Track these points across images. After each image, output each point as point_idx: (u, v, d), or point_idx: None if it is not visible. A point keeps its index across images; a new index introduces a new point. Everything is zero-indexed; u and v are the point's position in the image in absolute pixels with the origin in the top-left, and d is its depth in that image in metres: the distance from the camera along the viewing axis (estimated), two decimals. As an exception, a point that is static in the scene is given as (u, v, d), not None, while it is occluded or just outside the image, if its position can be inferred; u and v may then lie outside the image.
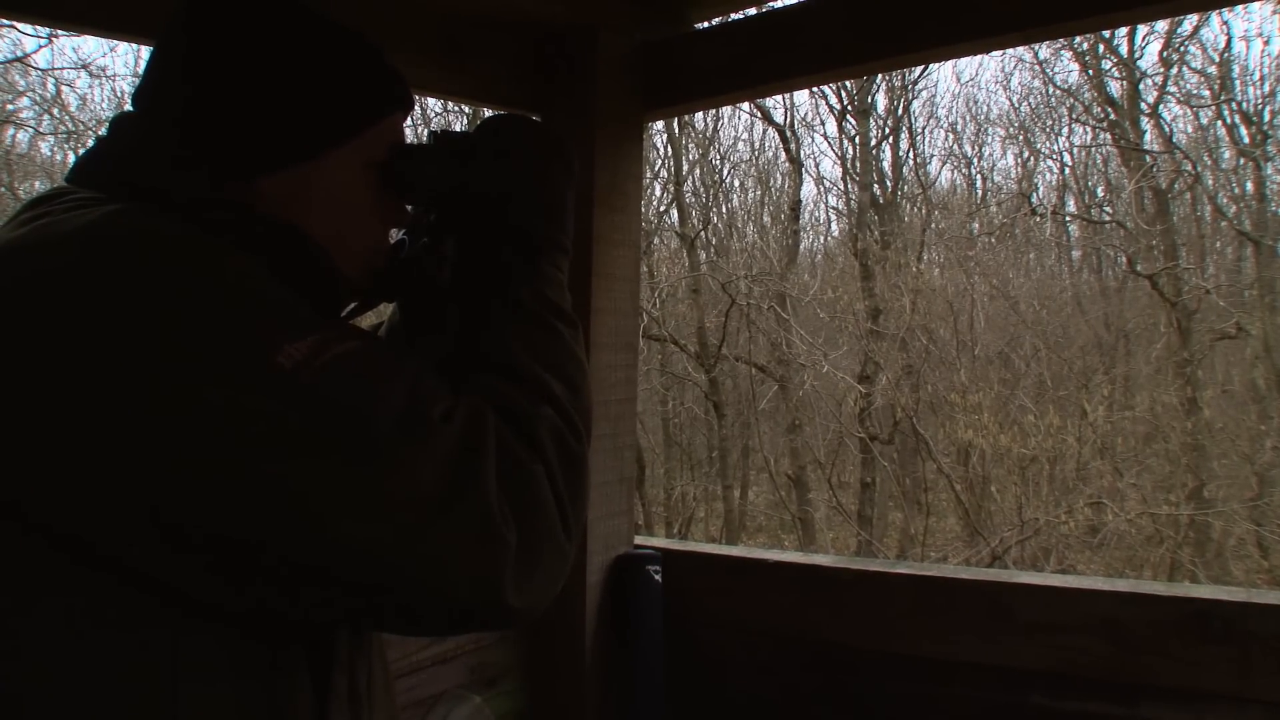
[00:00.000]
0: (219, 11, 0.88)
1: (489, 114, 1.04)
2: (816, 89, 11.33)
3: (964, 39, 1.83)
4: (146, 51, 0.93)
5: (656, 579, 2.23)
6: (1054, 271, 13.52)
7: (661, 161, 11.72)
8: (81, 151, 0.90)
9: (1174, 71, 11.20)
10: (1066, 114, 12.35)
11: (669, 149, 11.62)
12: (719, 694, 2.22)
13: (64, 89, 11.17)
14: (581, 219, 2.10)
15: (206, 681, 0.73)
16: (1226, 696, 1.65)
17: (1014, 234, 12.20)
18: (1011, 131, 13.12)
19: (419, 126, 9.82)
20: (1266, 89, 11.31)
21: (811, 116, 18.34)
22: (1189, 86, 11.40)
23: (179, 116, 0.85)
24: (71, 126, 10.28)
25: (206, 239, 0.76)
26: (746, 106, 11.83)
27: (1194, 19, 10.32)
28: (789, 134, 11.87)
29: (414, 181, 0.96)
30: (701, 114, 11.59)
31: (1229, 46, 17.24)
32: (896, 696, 1.98)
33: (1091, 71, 11.24)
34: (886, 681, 2.00)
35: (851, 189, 12.12)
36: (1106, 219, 11.81)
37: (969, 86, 21.04)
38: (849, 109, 11.75)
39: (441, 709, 1.99)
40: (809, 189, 17.96)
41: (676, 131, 11.52)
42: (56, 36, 8.87)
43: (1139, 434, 9.97)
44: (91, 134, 10.37)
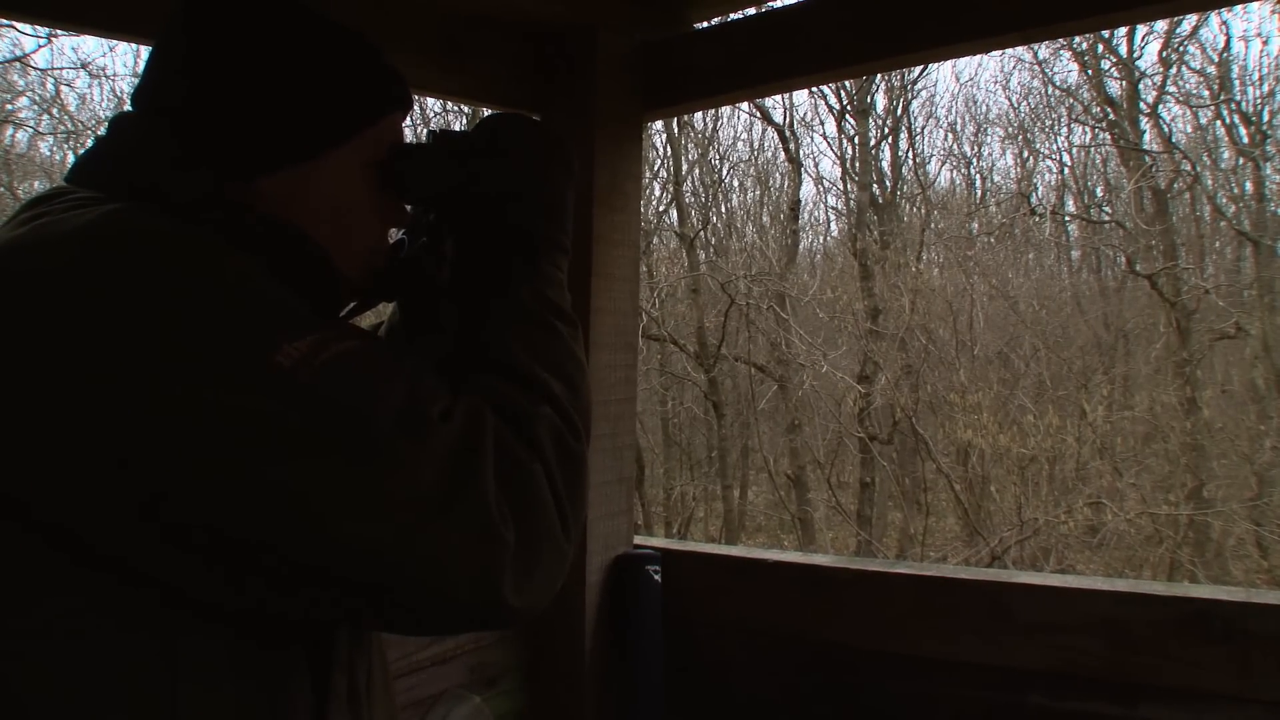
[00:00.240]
0: (218, 11, 0.88)
1: (488, 114, 1.04)
2: (816, 89, 11.34)
3: (963, 39, 1.83)
4: (146, 51, 0.93)
5: (656, 579, 2.23)
6: (1053, 271, 13.53)
7: (661, 161, 11.74)
8: (81, 151, 0.90)
9: (1173, 71, 11.22)
10: (1066, 114, 12.39)
11: (668, 149, 11.63)
12: (718, 694, 2.22)
13: (63, 89, 11.18)
14: (581, 219, 2.10)
15: (206, 681, 0.73)
16: (1226, 696, 1.65)
17: (1013, 234, 12.20)
18: (1011, 131, 13.15)
19: (419, 126, 9.82)
20: (1265, 89, 11.33)
21: (811, 116, 18.40)
22: (1188, 86, 11.43)
23: (178, 116, 0.85)
24: (71, 126, 10.29)
25: (206, 239, 0.76)
26: (746, 106, 11.84)
27: (1193, 19, 10.35)
28: (788, 134, 11.88)
29: (413, 181, 0.95)
30: (701, 114, 11.59)
31: (1228, 46, 17.27)
32: (896, 696, 1.98)
33: (1091, 71, 11.25)
34: (886, 681, 2.00)
35: (851, 189, 12.13)
36: (1106, 219, 11.82)
37: (968, 86, 21.11)
38: (848, 109, 11.76)
39: (441, 709, 1.98)
40: (808, 189, 17.99)
41: (676, 131, 11.53)
42: (56, 36, 8.88)
43: (1138, 434, 9.97)
44: (91, 134, 10.37)
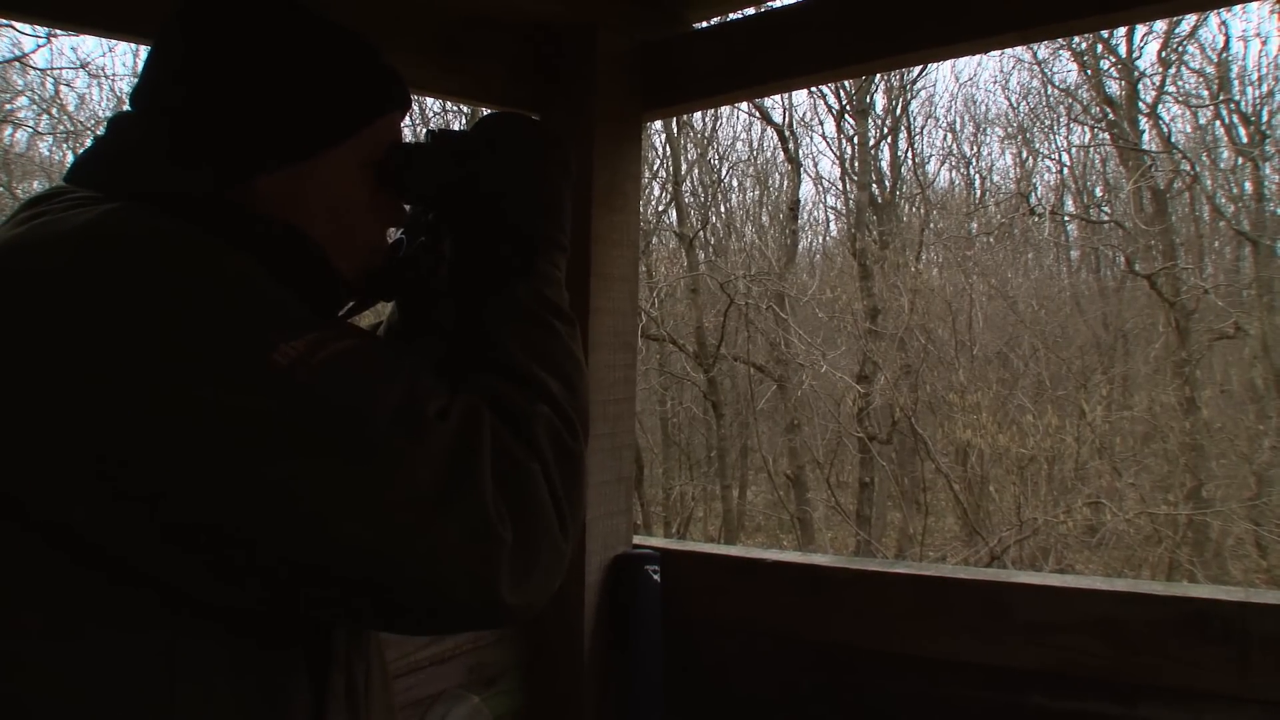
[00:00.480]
0: (216, 11, 0.88)
1: (487, 113, 1.04)
2: (815, 89, 11.34)
3: (963, 39, 1.83)
4: (145, 51, 0.93)
5: (655, 579, 2.23)
6: (1052, 271, 13.53)
7: (660, 161, 11.74)
8: (80, 151, 0.90)
9: (1172, 71, 11.24)
10: (1065, 114, 12.39)
11: (667, 149, 11.63)
12: (717, 693, 2.22)
13: (62, 88, 11.17)
14: (580, 219, 2.10)
15: (204, 681, 0.73)
16: (1225, 696, 1.65)
17: (1012, 234, 12.20)
18: (1010, 131, 13.15)
19: (418, 126, 9.82)
20: (1265, 89, 11.35)
21: (810, 116, 18.39)
22: (1187, 86, 11.45)
23: (177, 116, 0.85)
24: (70, 126, 10.28)
25: (204, 239, 0.76)
26: (745, 106, 11.85)
27: (1192, 19, 10.35)
28: (787, 134, 11.88)
29: (411, 180, 0.95)
30: (700, 113, 11.60)
31: (1227, 46, 17.24)
32: (895, 696, 1.98)
33: (1090, 71, 11.25)
34: (885, 681, 2.00)
35: (850, 189, 12.14)
36: (1105, 219, 11.82)
37: (967, 86, 21.16)
38: (847, 109, 11.76)
39: (440, 709, 1.98)
40: (807, 189, 18.01)
41: (675, 131, 11.53)
42: (55, 36, 8.86)
43: (1137, 434, 9.97)
44: (90, 134, 10.37)
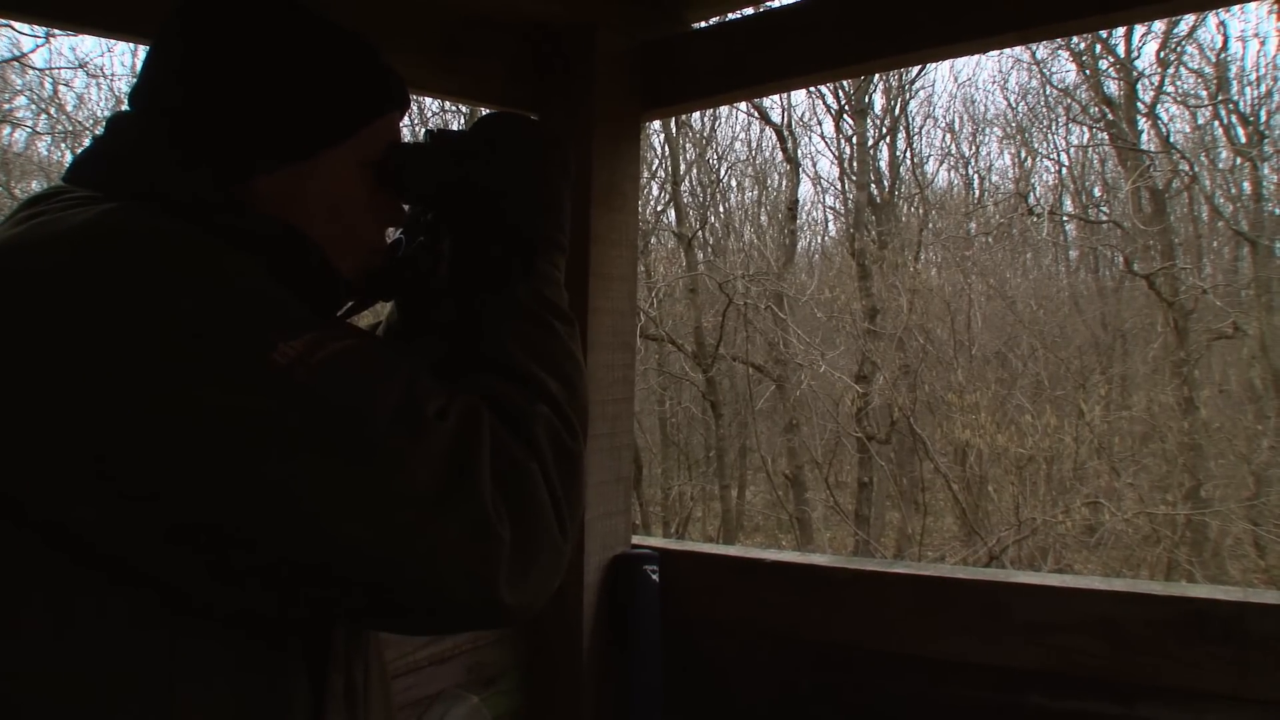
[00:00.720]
0: (216, 11, 0.88)
1: (486, 113, 1.04)
2: (814, 89, 11.34)
3: (961, 39, 1.83)
4: (144, 51, 0.93)
5: (654, 578, 2.23)
6: (1051, 271, 13.54)
7: (659, 161, 11.74)
8: (79, 151, 0.90)
9: (1171, 71, 11.23)
10: (1063, 114, 12.39)
11: (666, 148, 11.63)
12: (716, 693, 2.22)
13: (61, 88, 11.17)
14: (579, 218, 2.10)
15: (203, 681, 0.73)
16: (1224, 696, 1.65)
17: (1011, 234, 12.20)
18: (1009, 131, 13.16)
19: (417, 126, 9.82)
20: (1263, 89, 11.36)
21: (809, 116, 18.33)
22: (1186, 86, 11.44)
23: (176, 116, 0.85)
24: (69, 126, 10.27)
25: (203, 239, 0.76)
26: (744, 106, 11.84)
27: (1191, 19, 10.35)
28: (786, 134, 11.88)
29: (410, 180, 0.95)
30: (699, 113, 11.59)
31: (1226, 47, 17.25)
32: (893, 696, 1.98)
33: (1088, 71, 11.26)
34: (883, 681, 2.00)
35: (849, 189, 12.14)
36: (1103, 219, 11.83)
37: (966, 86, 21.14)
38: (846, 109, 11.76)
39: (439, 708, 1.98)
40: (806, 189, 17.94)
41: (674, 131, 11.53)
42: (54, 36, 8.85)
43: (1136, 434, 9.97)
44: (89, 133, 10.36)
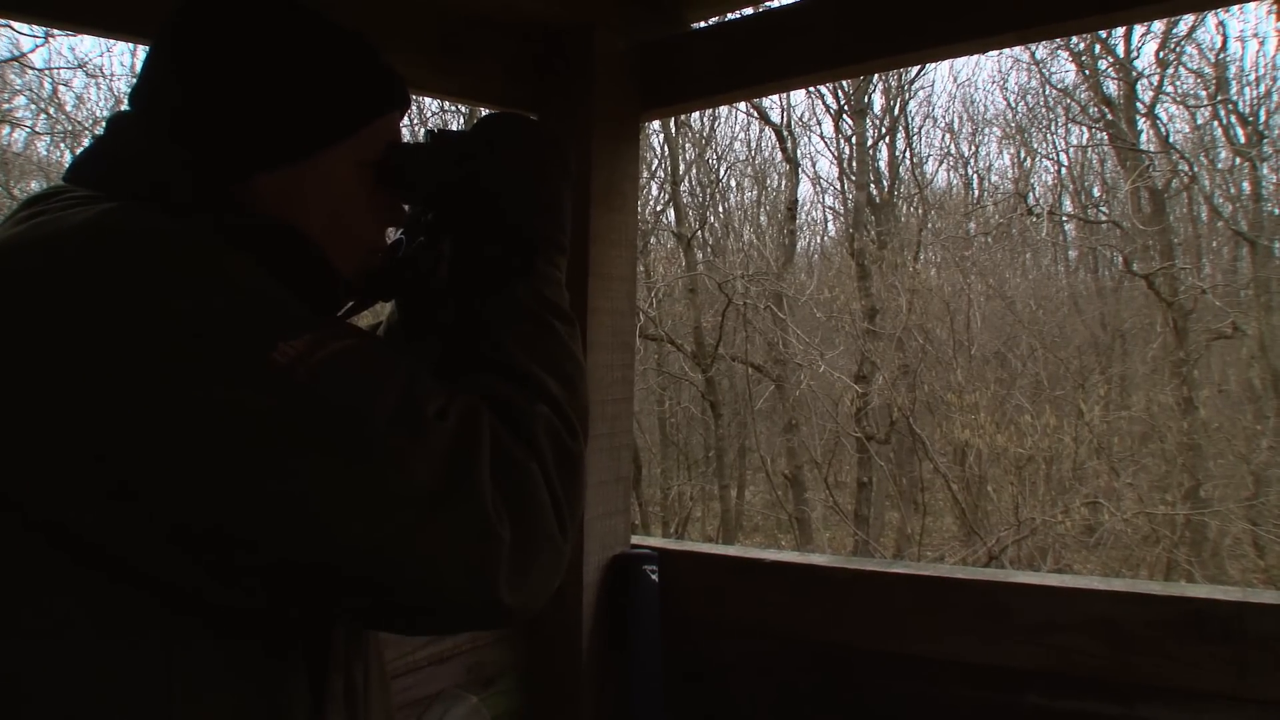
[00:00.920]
0: (216, 11, 0.88)
1: (486, 113, 1.04)
2: (813, 89, 11.35)
3: (961, 39, 1.83)
4: (143, 51, 0.93)
5: (653, 578, 2.23)
6: (1050, 271, 13.55)
7: (658, 161, 11.74)
8: (79, 151, 0.90)
9: (1170, 72, 11.24)
10: (1063, 114, 12.40)
11: (665, 148, 11.63)
12: (715, 693, 2.22)
13: (60, 88, 11.17)
14: (579, 219, 2.10)
15: (203, 682, 0.73)
16: (1223, 696, 1.65)
17: (1010, 234, 12.21)
18: (1008, 131, 13.16)
19: (416, 126, 9.81)
20: (1262, 89, 11.37)
21: (808, 116, 18.37)
22: (1185, 87, 11.44)
23: (176, 116, 0.85)
24: (68, 125, 10.27)
25: (204, 238, 0.76)
26: (743, 106, 11.84)
27: (1190, 19, 10.36)
28: (785, 134, 11.89)
29: (411, 180, 0.95)
30: (698, 113, 11.59)
31: (1225, 47, 17.26)
32: (893, 696, 1.98)
33: (1088, 71, 11.26)
34: (883, 680, 2.00)
35: (848, 189, 12.14)
36: (1103, 219, 11.83)
37: (965, 86, 21.13)
38: (845, 109, 11.77)
39: (438, 708, 1.98)
40: (805, 189, 17.93)
41: (673, 131, 11.53)
42: (53, 36, 8.85)
43: (1135, 434, 9.98)
44: (88, 133, 10.36)
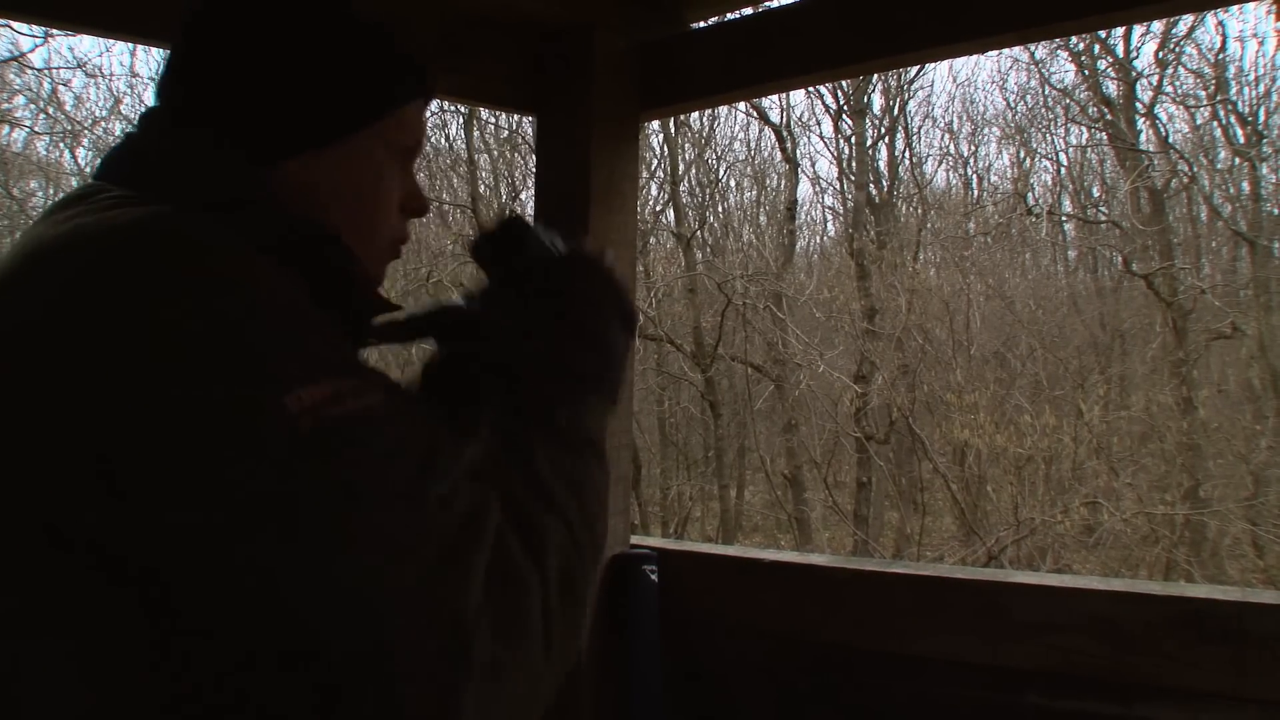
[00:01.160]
0: (239, 4, 0.88)
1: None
2: (812, 89, 11.35)
3: (961, 39, 1.83)
4: (142, 51, 0.93)
5: (653, 578, 2.23)
6: (1050, 271, 13.55)
7: (657, 161, 11.73)
8: (110, 147, 0.89)
9: (1170, 72, 11.24)
10: (1062, 114, 12.40)
11: (665, 148, 11.63)
12: (715, 693, 2.22)
13: (60, 88, 11.16)
14: (577, 218, 2.10)
15: (200, 686, 0.71)
16: (1222, 696, 1.65)
17: (1010, 234, 12.21)
18: (1007, 131, 13.16)
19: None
20: (1261, 89, 11.37)
21: (807, 116, 18.30)
22: (1185, 87, 11.45)
23: (203, 104, 0.85)
24: (67, 125, 10.27)
25: (234, 248, 0.74)
26: (742, 106, 11.83)
27: (1189, 19, 10.36)
28: (785, 134, 11.89)
29: (512, 252, 0.96)
30: (697, 113, 11.58)
31: (1224, 47, 17.25)
32: (892, 696, 1.98)
33: (1087, 71, 11.27)
34: (882, 681, 2.00)
35: (847, 189, 12.15)
36: (1102, 219, 11.84)
37: (965, 86, 21.13)
38: (845, 109, 11.77)
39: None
40: (805, 189, 17.89)
41: (673, 131, 11.53)
42: (52, 36, 8.84)
43: (1135, 434, 9.99)
44: (88, 133, 10.37)
